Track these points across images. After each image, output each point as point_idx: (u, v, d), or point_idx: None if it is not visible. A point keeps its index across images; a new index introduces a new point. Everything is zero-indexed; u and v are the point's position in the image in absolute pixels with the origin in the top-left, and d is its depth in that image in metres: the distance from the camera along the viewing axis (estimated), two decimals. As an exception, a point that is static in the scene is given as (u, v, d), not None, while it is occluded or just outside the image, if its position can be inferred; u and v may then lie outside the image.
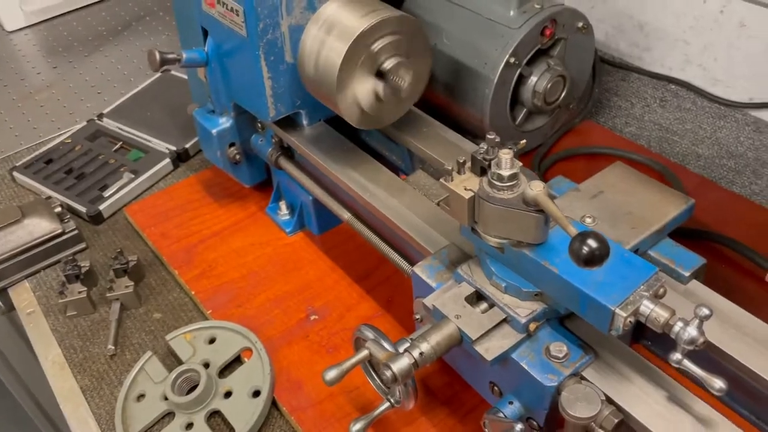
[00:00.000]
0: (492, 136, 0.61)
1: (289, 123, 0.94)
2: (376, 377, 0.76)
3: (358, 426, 0.70)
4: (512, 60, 0.96)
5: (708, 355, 0.62)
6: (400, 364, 0.61)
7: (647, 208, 0.71)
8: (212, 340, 0.89)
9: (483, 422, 0.65)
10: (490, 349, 0.62)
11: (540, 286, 0.62)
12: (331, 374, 0.64)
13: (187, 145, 1.21)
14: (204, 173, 1.17)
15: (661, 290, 0.58)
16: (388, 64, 0.79)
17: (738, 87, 1.17)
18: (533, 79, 1.00)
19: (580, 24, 1.02)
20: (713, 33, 1.17)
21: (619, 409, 0.58)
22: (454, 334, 0.63)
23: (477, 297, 0.66)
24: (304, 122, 0.94)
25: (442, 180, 0.64)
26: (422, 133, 0.90)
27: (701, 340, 0.54)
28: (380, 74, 0.80)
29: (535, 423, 0.64)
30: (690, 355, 0.55)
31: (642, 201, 0.72)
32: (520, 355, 0.62)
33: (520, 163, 0.60)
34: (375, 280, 0.96)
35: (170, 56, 0.88)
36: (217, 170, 1.16)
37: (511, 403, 0.65)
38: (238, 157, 1.01)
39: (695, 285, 0.68)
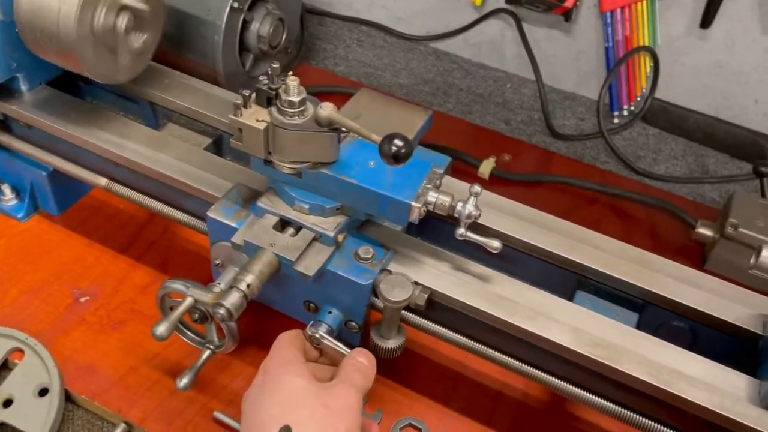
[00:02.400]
0: (276, 65, 0.64)
1: (1, 92, 0.82)
2: (188, 331, 0.74)
3: (185, 380, 0.68)
4: (235, 5, 0.97)
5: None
6: (232, 299, 0.62)
7: (400, 122, 0.81)
8: (-36, 354, 0.75)
9: (308, 333, 0.69)
10: (309, 266, 0.66)
11: (340, 200, 0.68)
12: (161, 328, 0.61)
13: None
14: None
15: (438, 181, 0.69)
16: (127, 4, 0.74)
17: (417, 23, 1.37)
18: (256, 24, 1.03)
19: (287, -31, 1.07)
20: (390, -24, 1.33)
21: (424, 287, 0.69)
22: (273, 260, 0.65)
23: (282, 225, 0.69)
24: (23, 88, 0.82)
25: (230, 116, 0.64)
26: (165, 84, 0.87)
27: (477, 213, 0.66)
28: (121, 12, 0.75)
29: (354, 324, 0.71)
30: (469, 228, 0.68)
31: (394, 116, 0.82)
32: (335, 265, 0.68)
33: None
34: (140, 247, 0.91)
35: None
36: None
37: (330, 312, 0.70)
38: (-65, 140, 0.84)
39: (448, 179, 0.81)
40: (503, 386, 0.81)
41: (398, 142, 0.57)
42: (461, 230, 0.67)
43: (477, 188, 0.66)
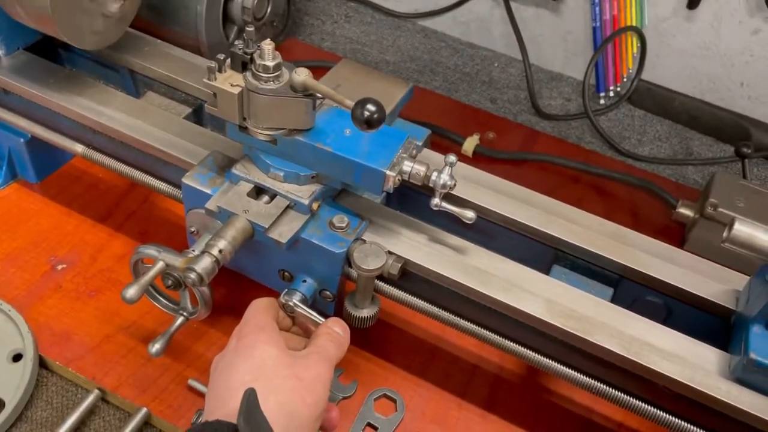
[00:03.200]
0: (251, 29, 0.63)
1: (-23, 55, 0.81)
2: (161, 298, 0.74)
3: (157, 345, 0.68)
4: (219, -25, 0.97)
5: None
6: (203, 264, 0.61)
7: (380, 93, 0.79)
8: (-63, 318, 0.75)
9: (281, 301, 0.69)
10: (282, 233, 0.66)
11: (316, 168, 0.68)
12: (131, 291, 0.61)
13: None
14: None
15: (414, 151, 0.69)
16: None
17: (405, 0, 1.36)
18: (240, -5, 1.02)
19: (273, -60, 1.06)
20: (379, -48, 1.32)
21: (398, 257, 0.68)
22: (247, 227, 0.65)
23: (257, 192, 0.69)
24: (0, 52, 0.81)
25: (205, 80, 0.64)
26: (145, 52, 0.86)
27: (453, 183, 0.66)
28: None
29: (328, 293, 0.71)
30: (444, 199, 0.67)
31: (374, 87, 0.82)
32: (309, 233, 0.68)
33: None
34: (120, 216, 0.90)
35: None
36: None
37: (304, 281, 0.70)
38: None
39: (427, 151, 0.81)
40: (479, 360, 0.81)
41: (371, 107, 0.57)
42: (436, 200, 0.67)
43: (452, 158, 0.66)
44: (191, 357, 0.77)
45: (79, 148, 0.81)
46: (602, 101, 1.25)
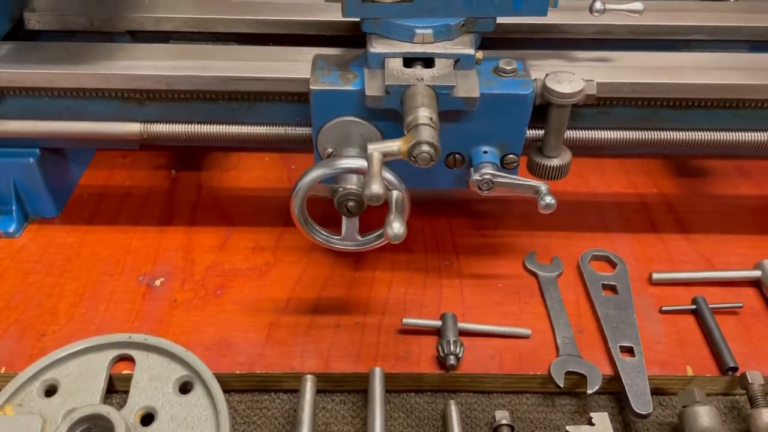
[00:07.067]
0: None
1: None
2: (321, 231, 0.58)
3: (396, 224, 0.50)
4: None
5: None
6: (426, 133, 0.49)
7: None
8: (51, 391, 0.55)
9: (475, 180, 0.58)
10: (469, 89, 0.55)
11: (465, 11, 0.57)
12: (374, 186, 0.47)
13: None
14: None
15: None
16: None
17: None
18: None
19: None
20: None
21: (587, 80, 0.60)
22: (432, 93, 0.53)
23: (406, 64, 0.57)
24: (-24, 47, 0.61)
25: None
26: (150, 2, 0.69)
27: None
28: None
29: (513, 156, 0.61)
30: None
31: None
32: (485, 87, 0.57)
33: None
34: (183, 212, 0.73)
35: None
36: None
37: (485, 152, 0.60)
38: None
39: None
40: (646, 197, 0.76)
41: None
42: (598, 3, 0.60)
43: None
44: (378, 304, 0.63)
45: (136, 126, 0.63)
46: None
